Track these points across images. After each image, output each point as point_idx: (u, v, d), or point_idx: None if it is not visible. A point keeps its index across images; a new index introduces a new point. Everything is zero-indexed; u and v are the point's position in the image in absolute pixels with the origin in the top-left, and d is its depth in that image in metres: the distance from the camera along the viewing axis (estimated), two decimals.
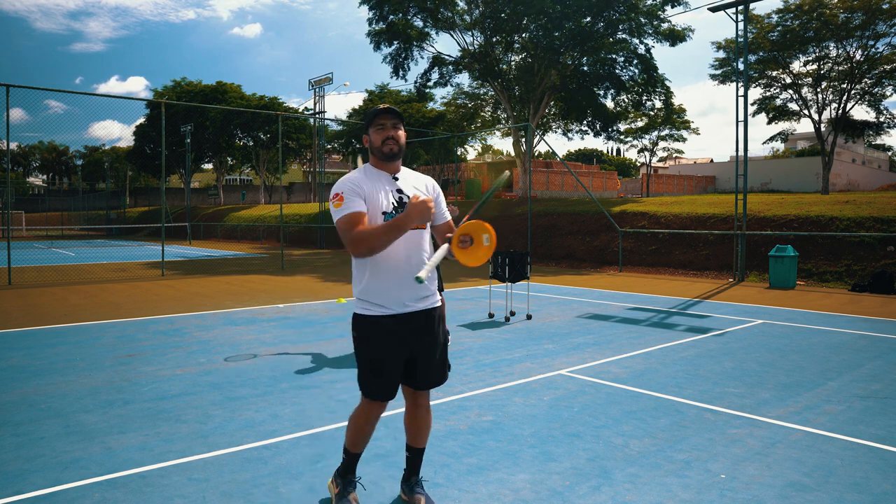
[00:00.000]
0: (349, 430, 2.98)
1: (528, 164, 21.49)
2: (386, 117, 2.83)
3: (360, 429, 2.95)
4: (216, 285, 12.98)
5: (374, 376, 2.84)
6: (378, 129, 2.83)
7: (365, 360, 2.86)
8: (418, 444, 3.08)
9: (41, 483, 3.27)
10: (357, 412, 2.96)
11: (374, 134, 2.85)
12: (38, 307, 9.80)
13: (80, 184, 66.38)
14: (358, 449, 2.99)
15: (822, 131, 29.34)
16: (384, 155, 2.83)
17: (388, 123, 2.83)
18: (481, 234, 2.73)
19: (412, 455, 3.10)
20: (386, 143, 2.81)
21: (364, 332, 2.85)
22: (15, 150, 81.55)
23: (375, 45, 26.82)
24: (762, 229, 15.23)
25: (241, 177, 76.40)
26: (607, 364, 5.97)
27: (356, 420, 2.96)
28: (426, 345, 2.89)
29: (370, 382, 2.85)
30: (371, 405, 2.90)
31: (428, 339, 2.89)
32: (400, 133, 2.85)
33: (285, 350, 6.56)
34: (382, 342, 2.82)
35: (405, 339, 2.84)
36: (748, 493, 3.17)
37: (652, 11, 23.57)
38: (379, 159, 2.86)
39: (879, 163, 62.36)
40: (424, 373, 2.92)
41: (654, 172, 53.26)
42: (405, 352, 2.85)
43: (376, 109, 2.84)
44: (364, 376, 2.87)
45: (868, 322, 8.43)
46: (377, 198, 2.77)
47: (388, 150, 2.82)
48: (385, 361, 2.82)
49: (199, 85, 50.27)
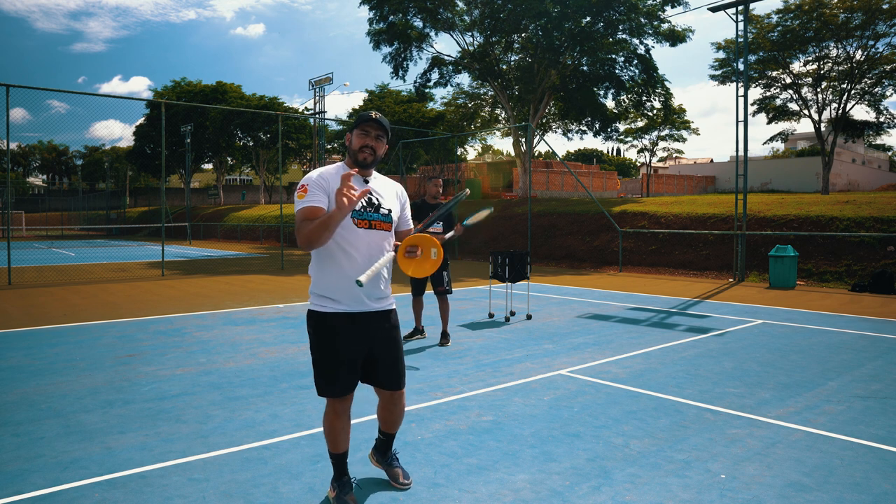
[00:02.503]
0: (324, 432, 3.00)
1: (528, 164, 21.50)
2: (371, 126, 2.84)
3: (332, 427, 2.95)
4: (216, 285, 12.98)
5: (328, 373, 2.85)
6: (361, 134, 2.86)
7: (318, 358, 2.87)
8: (392, 430, 3.20)
9: (41, 483, 3.27)
10: (325, 412, 2.98)
11: (356, 136, 2.87)
12: (38, 307, 9.80)
13: (80, 184, 66.39)
14: (338, 448, 2.99)
15: (822, 131, 29.34)
16: (357, 161, 2.86)
17: (373, 133, 2.85)
18: (430, 248, 2.81)
19: (386, 438, 3.23)
20: (362, 151, 2.85)
21: (317, 329, 2.85)
22: (15, 150, 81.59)
23: (375, 45, 26.84)
24: (762, 229, 15.22)
25: (241, 177, 76.41)
26: (607, 364, 5.97)
27: (326, 420, 2.97)
28: (386, 345, 2.92)
29: (323, 380, 2.86)
30: (332, 402, 2.91)
31: (387, 339, 2.92)
32: (380, 145, 2.87)
33: (285, 350, 6.56)
34: (332, 338, 2.82)
35: (358, 337, 2.83)
36: (748, 493, 3.17)
37: (652, 12, 23.57)
38: (353, 163, 2.89)
39: (879, 163, 62.35)
40: (387, 373, 2.95)
41: (654, 172, 53.25)
42: (359, 350, 2.85)
43: (367, 115, 2.86)
44: (318, 374, 2.88)
45: (868, 322, 8.43)
46: None
47: (363, 158, 2.85)
48: (339, 359, 2.82)
49: (198, 85, 50.27)
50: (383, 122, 2.87)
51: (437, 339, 7.12)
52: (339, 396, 2.88)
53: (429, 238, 2.81)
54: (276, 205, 42.71)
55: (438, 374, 5.60)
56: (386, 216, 2.90)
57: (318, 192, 2.78)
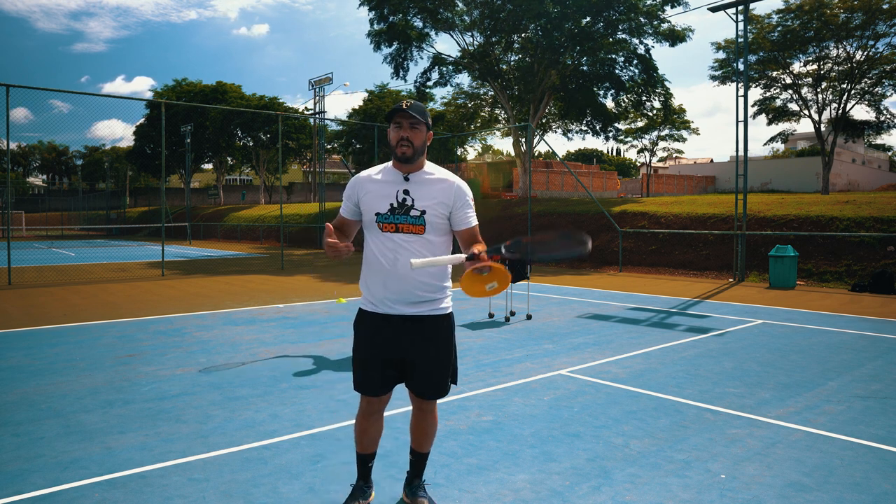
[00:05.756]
0: (354, 428, 3.01)
1: (528, 164, 21.50)
2: (404, 116, 2.65)
3: (359, 425, 2.96)
4: (216, 285, 12.98)
5: (359, 370, 2.87)
6: (395, 127, 2.69)
7: (354, 353, 2.92)
8: (420, 448, 3.03)
9: (41, 483, 3.27)
10: (359, 408, 2.98)
11: (391, 131, 2.70)
12: (38, 307, 9.80)
13: (80, 184, 66.38)
14: (363, 448, 2.97)
15: (822, 131, 29.34)
16: (398, 157, 2.71)
17: (406, 123, 2.67)
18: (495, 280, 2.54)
19: (414, 458, 3.07)
20: (400, 145, 2.68)
21: (356, 325, 2.90)
22: (15, 150, 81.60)
23: (376, 45, 26.84)
24: (762, 229, 15.22)
25: (241, 177, 76.38)
26: (607, 364, 5.97)
27: (357, 417, 2.99)
28: (422, 351, 2.78)
29: (355, 375, 2.90)
30: (363, 399, 2.91)
31: (423, 345, 2.78)
32: (418, 134, 2.68)
33: (285, 350, 6.56)
34: (366, 337, 2.83)
35: (392, 339, 2.78)
36: (748, 493, 3.16)
37: (652, 11, 23.57)
38: (395, 158, 2.76)
39: (879, 163, 62.35)
40: (420, 379, 2.84)
41: (654, 172, 53.26)
42: (392, 352, 2.79)
43: (398, 106, 2.66)
44: (353, 369, 2.92)
45: (868, 322, 8.43)
46: (376, 197, 2.73)
47: (402, 153, 2.68)
48: (366, 356, 2.83)
49: (198, 85, 50.28)
50: (416, 108, 2.65)
51: None
52: (368, 395, 2.86)
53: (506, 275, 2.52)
54: (276, 205, 42.70)
55: None
56: (417, 218, 2.71)
57: (346, 202, 2.82)
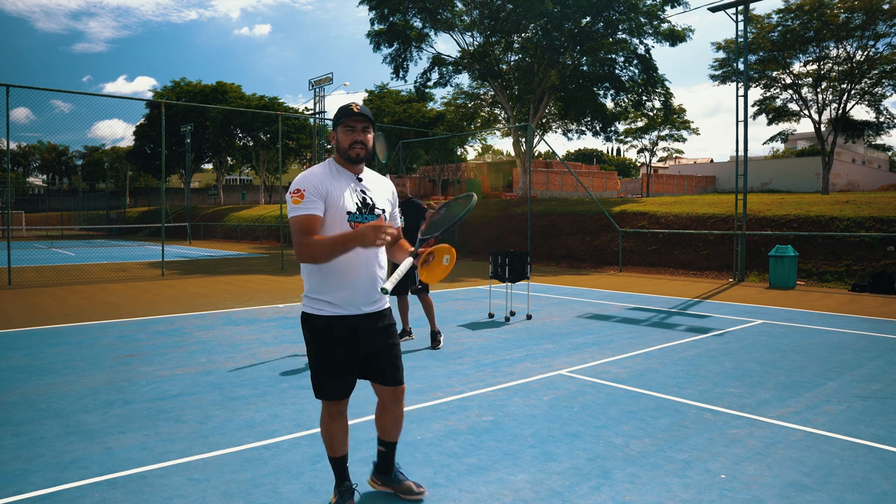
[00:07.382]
0: (322, 437, 2.96)
1: (528, 164, 21.50)
2: (356, 120, 2.73)
3: (328, 430, 2.91)
4: (216, 285, 12.98)
5: (325, 377, 2.81)
6: (347, 130, 2.74)
7: (315, 362, 2.82)
8: (394, 438, 3.09)
9: (41, 483, 3.27)
10: (321, 416, 2.94)
11: (342, 134, 2.75)
12: (38, 307, 9.80)
13: (80, 184, 66.37)
14: (336, 452, 2.95)
15: (822, 131, 29.33)
16: (350, 159, 2.77)
17: (359, 126, 2.74)
18: (443, 254, 2.78)
19: (387, 450, 3.10)
20: (353, 147, 2.75)
21: (315, 333, 2.79)
22: (15, 149, 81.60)
23: (375, 45, 26.82)
24: (762, 229, 15.22)
25: (241, 177, 76.42)
26: (607, 364, 5.97)
27: (322, 424, 2.94)
28: (384, 340, 2.87)
29: (320, 384, 2.83)
30: (329, 404, 2.87)
31: (385, 336, 2.88)
32: (369, 137, 2.77)
33: (285, 350, 6.56)
34: (334, 343, 2.77)
35: (358, 339, 2.79)
36: (748, 493, 3.17)
37: (652, 11, 23.57)
38: (345, 161, 2.80)
39: (879, 163, 62.35)
40: (391, 368, 2.90)
41: (654, 172, 53.24)
42: (359, 351, 2.81)
43: (348, 110, 2.73)
44: (315, 377, 2.84)
45: (868, 322, 8.43)
46: (340, 197, 2.72)
47: (356, 155, 2.75)
48: (336, 364, 2.78)
49: (198, 85, 50.28)
50: (365, 111, 2.74)
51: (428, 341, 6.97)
52: (338, 399, 2.85)
53: (445, 247, 2.77)
54: (276, 205, 42.70)
55: (438, 374, 5.60)
56: (379, 217, 2.83)
57: (316, 200, 2.66)
